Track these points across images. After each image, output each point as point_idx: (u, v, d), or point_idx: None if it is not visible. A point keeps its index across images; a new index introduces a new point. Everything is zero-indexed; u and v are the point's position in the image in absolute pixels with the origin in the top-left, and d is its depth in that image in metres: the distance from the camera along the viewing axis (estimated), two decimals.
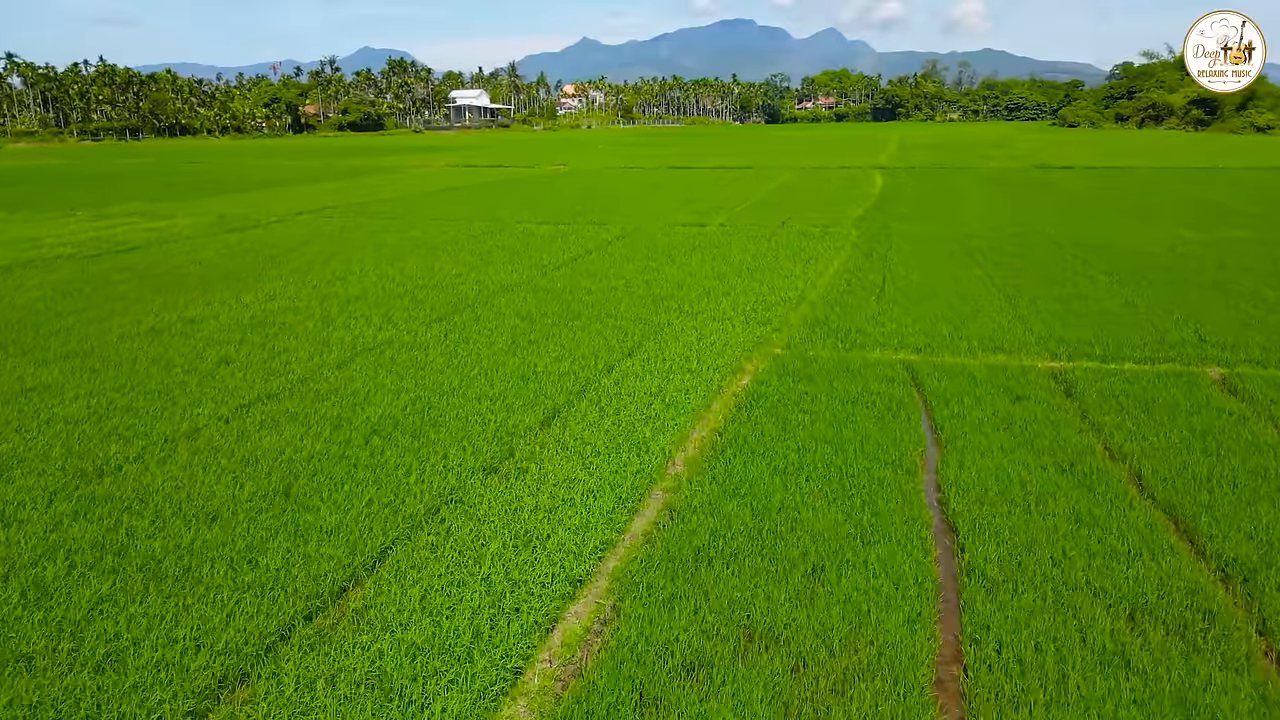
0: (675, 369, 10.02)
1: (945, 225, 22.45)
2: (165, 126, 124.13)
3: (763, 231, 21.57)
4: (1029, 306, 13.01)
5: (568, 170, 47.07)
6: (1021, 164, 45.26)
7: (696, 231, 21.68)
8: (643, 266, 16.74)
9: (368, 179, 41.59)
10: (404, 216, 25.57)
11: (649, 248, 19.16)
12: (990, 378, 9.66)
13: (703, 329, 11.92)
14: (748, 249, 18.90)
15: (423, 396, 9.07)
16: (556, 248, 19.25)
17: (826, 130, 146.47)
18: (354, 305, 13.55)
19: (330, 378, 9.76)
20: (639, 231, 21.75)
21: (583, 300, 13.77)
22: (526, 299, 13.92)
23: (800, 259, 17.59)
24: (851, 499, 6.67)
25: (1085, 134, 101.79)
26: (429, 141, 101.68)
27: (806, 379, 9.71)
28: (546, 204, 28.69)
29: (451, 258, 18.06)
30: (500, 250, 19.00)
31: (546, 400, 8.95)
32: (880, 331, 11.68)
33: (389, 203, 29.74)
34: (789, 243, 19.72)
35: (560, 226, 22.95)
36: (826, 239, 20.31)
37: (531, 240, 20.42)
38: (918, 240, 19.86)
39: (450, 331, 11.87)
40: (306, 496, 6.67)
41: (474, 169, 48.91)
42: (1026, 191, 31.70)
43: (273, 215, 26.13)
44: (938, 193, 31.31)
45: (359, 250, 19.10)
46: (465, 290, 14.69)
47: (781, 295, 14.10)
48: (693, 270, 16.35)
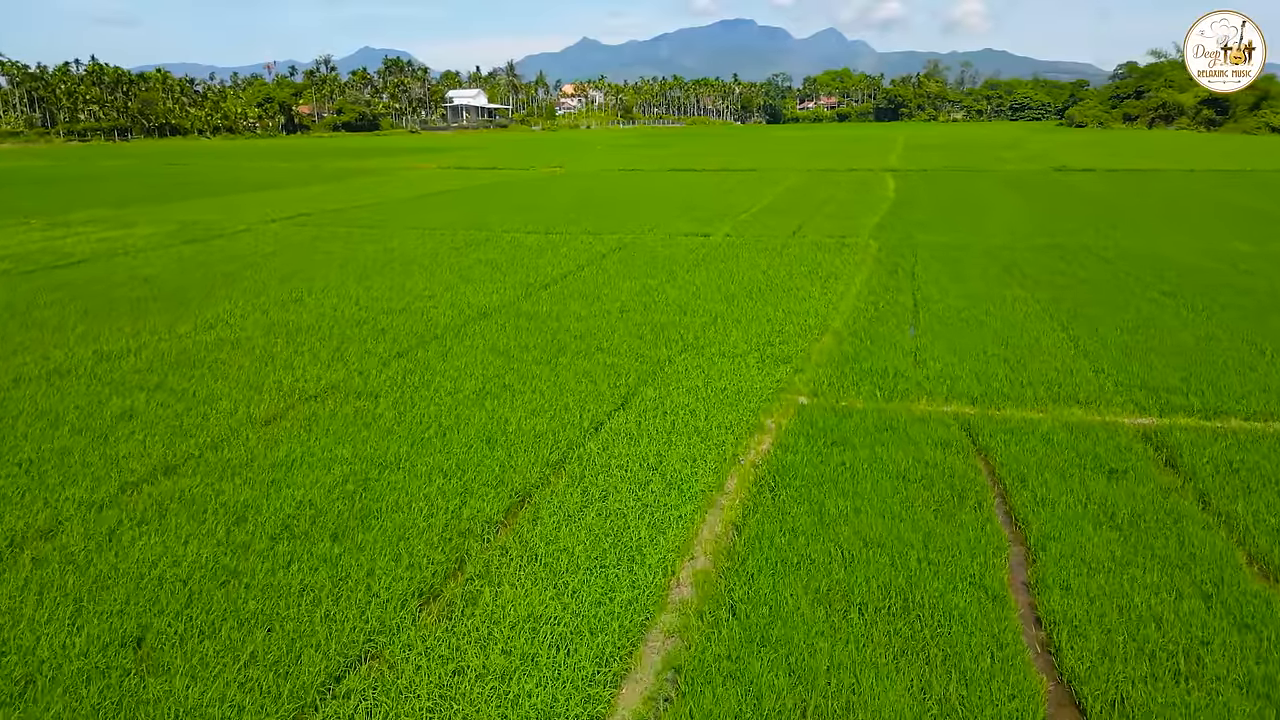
0: (679, 427, 8.13)
1: (971, 235, 20.56)
2: (155, 127, 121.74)
3: (773, 243, 19.69)
4: (1092, 339, 11.11)
5: (564, 173, 45.19)
6: (1038, 166, 43.34)
7: (700, 243, 19.79)
8: (641, 286, 14.85)
9: (353, 182, 39.69)
10: (383, 225, 23.68)
11: (648, 262, 17.28)
12: (1071, 441, 7.76)
13: (710, 368, 10.03)
14: (757, 264, 17.01)
15: (359, 470, 7.18)
16: (546, 262, 17.37)
17: (830, 130, 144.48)
18: (304, 336, 11.66)
19: (251, 440, 7.86)
20: (637, 243, 19.87)
21: (571, 329, 11.89)
22: (506, 328, 12.03)
23: (817, 276, 15.70)
24: (927, 654, 4.77)
25: (1095, 134, 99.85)
26: (424, 142, 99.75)
27: (842, 443, 7.81)
28: (539, 210, 26.81)
29: (427, 274, 16.17)
30: (483, 265, 17.11)
31: (515, 476, 7.06)
32: (923, 374, 9.78)
33: (370, 209, 27.85)
34: (803, 256, 17.83)
35: (551, 236, 21.07)
36: (844, 252, 18.42)
37: (519, 253, 18.54)
38: (945, 253, 17.97)
39: (410, 372, 9.98)
40: (163, 651, 4.77)
41: (466, 171, 47.00)
42: (1050, 196, 29.80)
43: (241, 223, 24.23)
44: (957, 198, 29.41)
45: (325, 266, 17.21)
46: (437, 316, 12.80)
47: (800, 322, 12.21)
48: (697, 290, 14.47)
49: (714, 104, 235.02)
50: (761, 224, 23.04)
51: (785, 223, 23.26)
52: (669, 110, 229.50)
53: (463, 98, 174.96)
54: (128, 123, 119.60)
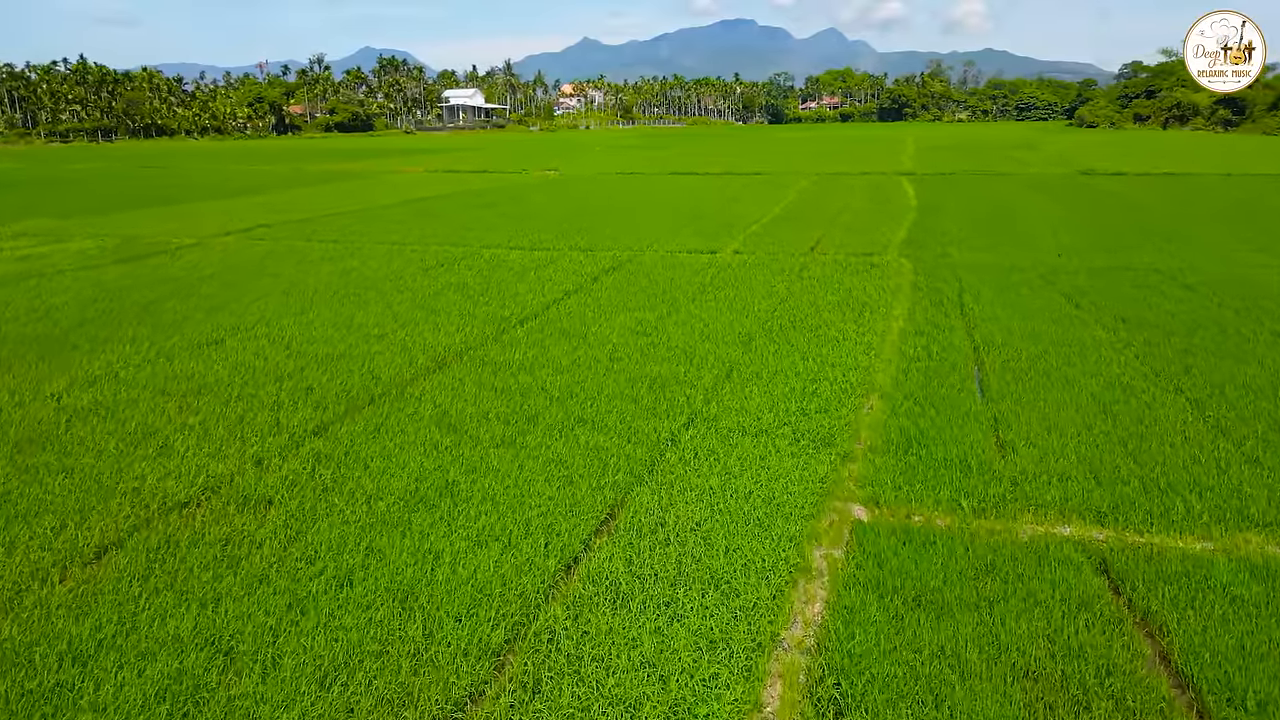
0: (687, 572, 5.59)
1: (1016, 252, 18.00)
2: (140, 127, 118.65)
3: (789, 262, 17.13)
4: (1223, 406, 8.54)
5: (559, 176, 42.61)
6: (1063, 169, 40.73)
7: (706, 262, 17.24)
8: (637, 321, 12.30)
9: (332, 187, 37.12)
10: (350, 238, 21.12)
11: (647, 287, 14.73)
12: (1270, 596, 5.21)
13: (728, 454, 7.48)
14: (774, 290, 14.46)
15: (179, 684, 4.61)
16: (527, 287, 14.82)
17: (834, 131, 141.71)
18: (205, 399, 9.10)
19: (34, 615, 5.26)
20: (635, 261, 17.33)
21: (547, 387, 9.34)
22: (465, 385, 9.48)
23: (849, 308, 13.13)
24: None
25: (1110, 135, 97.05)
26: (417, 143, 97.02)
27: (929, 603, 5.26)
28: (527, 220, 24.25)
29: (384, 304, 13.61)
30: (453, 292, 14.55)
31: (424, 699, 4.47)
32: (1016, 466, 7.22)
33: (342, 218, 25.28)
34: (827, 280, 15.27)
35: (538, 253, 18.52)
36: (874, 274, 15.85)
37: (498, 275, 15.98)
38: (993, 277, 15.40)
39: (324, 460, 7.43)
40: None
41: (456, 175, 44.40)
42: (1088, 204, 27.21)
43: (192, 236, 21.67)
44: (986, 207, 26.83)
45: (265, 293, 14.65)
46: (381, 366, 10.24)
47: (837, 377, 9.66)
48: (706, 327, 11.92)
49: (715, 104, 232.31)
50: (774, 237, 20.49)
51: (800, 236, 20.70)
52: (669, 110, 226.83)
53: (459, 98, 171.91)
54: (112, 123, 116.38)
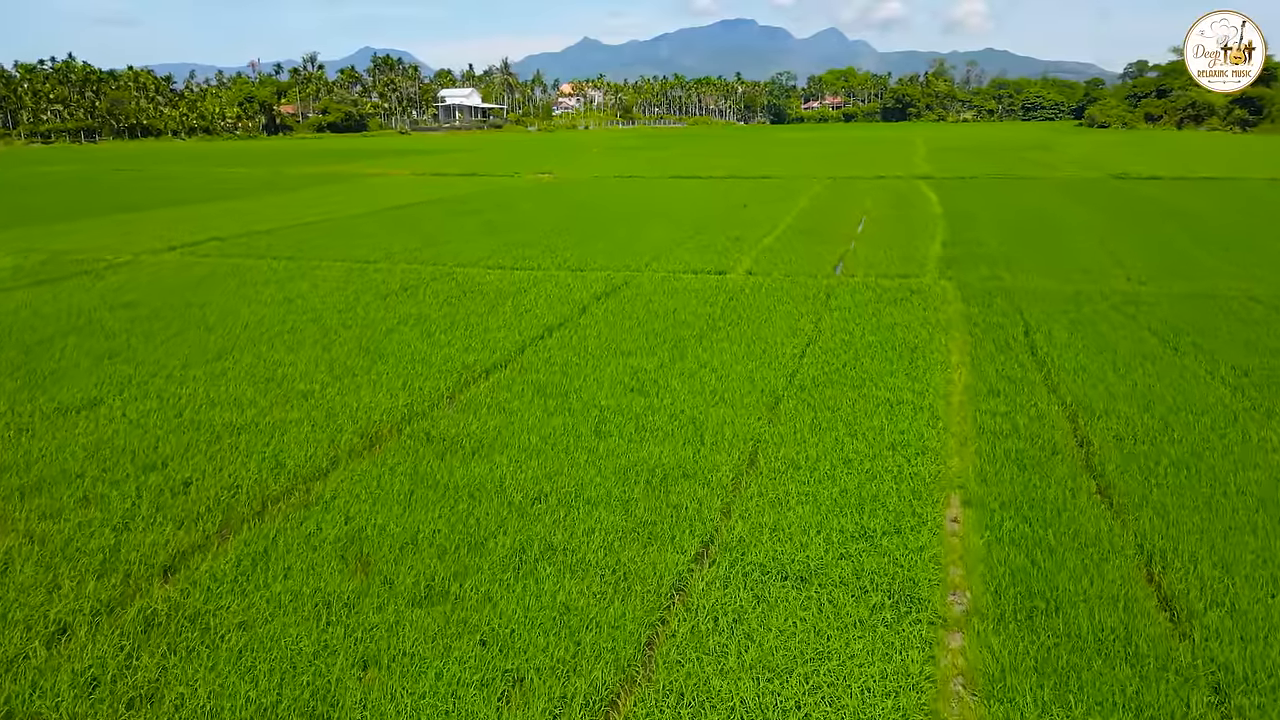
0: None
1: (1075, 274, 15.46)
2: (125, 128, 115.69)
3: (812, 285, 14.59)
4: None
5: (552, 180, 40.03)
6: (1093, 173, 38.11)
7: (715, 285, 14.70)
8: (632, 372, 9.76)
9: (307, 193, 34.52)
10: (309, 254, 18.58)
11: (645, 321, 12.19)
12: None
13: (765, 632, 4.93)
14: (799, 324, 11.92)
15: None
16: (502, 321, 12.28)
17: (839, 131, 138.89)
18: (23, 509, 6.54)
19: None
20: (631, 284, 14.79)
21: (508, 485, 6.81)
22: (395, 479, 6.96)
23: (895, 352, 10.58)
24: None
25: (1125, 135, 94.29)
26: (409, 144, 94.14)
27: None
28: (512, 232, 21.70)
29: (322, 347, 11.05)
30: (410, 327, 12.00)
31: None
32: (1207, 657, 4.66)
33: (306, 229, 22.72)
34: (861, 310, 12.72)
35: (520, 273, 15.99)
36: (916, 303, 13.29)
37: (468, 305, 13.44)
38: (1059, 308, 12.84)
39: (144, 644, 4.87)
40: None
41: (442, 178, 41.80)
42: (1132, 213, 24.65)
43: (130, 252, 19.12)
44: (1022, 216, 24.25)
45: (182, 330, 12.07)
46: (289, 447, 7.69)
47: (903, 468, 7.13)
48: (719, 381, 9.38)
49: (716, 104, 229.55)
50: (790, 253, 17.94)
51: (820, 252, 18.16)
52: (670, 110, 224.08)
53: (455, 97, 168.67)
54: (96, 124, 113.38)
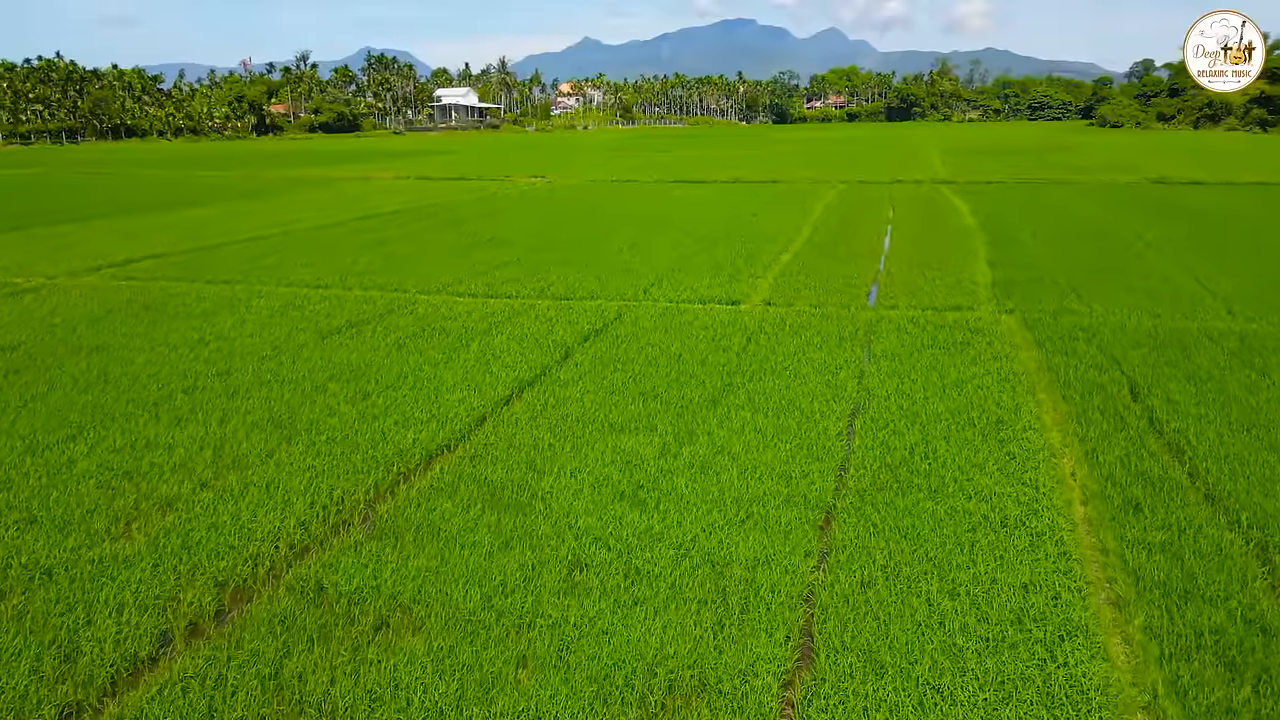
0: None
1: (1165, 307, 12.80)
2: (109, 128, 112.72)
3: (847, 322, 11.96)
4: None
5: (546, 185, 37.38)
6: (1128, 176, 35.38)
7: (728, 320, 12.07)
8: (624, 461, 7.14)
9: (277, 200, 31.86)
10: (253, 276, 15.96)
11: (642, 374, 9.56)
12: None
13: None
14: (841, 382, 9.28)
15: None
16: (460, 375, 9.65)
17: (844, 131, 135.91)
18: None
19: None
20: (626, 318, 12.17)
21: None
22: (227, 712, 4.30)
23: (970, 428, 7.93)
24: None
25: (1141, 136, 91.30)
26: (401, 145, 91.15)
27: None
28: (493, 249, 19.07)
29: (215, 420, 8.41)
30: (341, 385, 9.37)
31: None
32: None
33: (260, 244, 20.08)
34: (915, 362, 10.07)
35: (495, 303, 13.37)
36: (981, 349, 10.64)
37: (422, 350, 10.80)
38: (1165, 354, 10.18)
39: None
40: None
41: (428, 182, 39.14)
42: (1189, 223, 21.97)
43: (46, 273, 16.50)
44: (1069, 228, 21.54)
45: (43, 394, 9.41)
46: (96, 624, 5.05)
47: (1038, 662, 4.50)
48: (742, 481, 6.77)
49: (717, 103, 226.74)
50: (813, 275, 15.31)
51: (848, 274, 15.53)
52: (670, 110, 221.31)
53: (451, 97, 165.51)
54: (79, 124, 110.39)
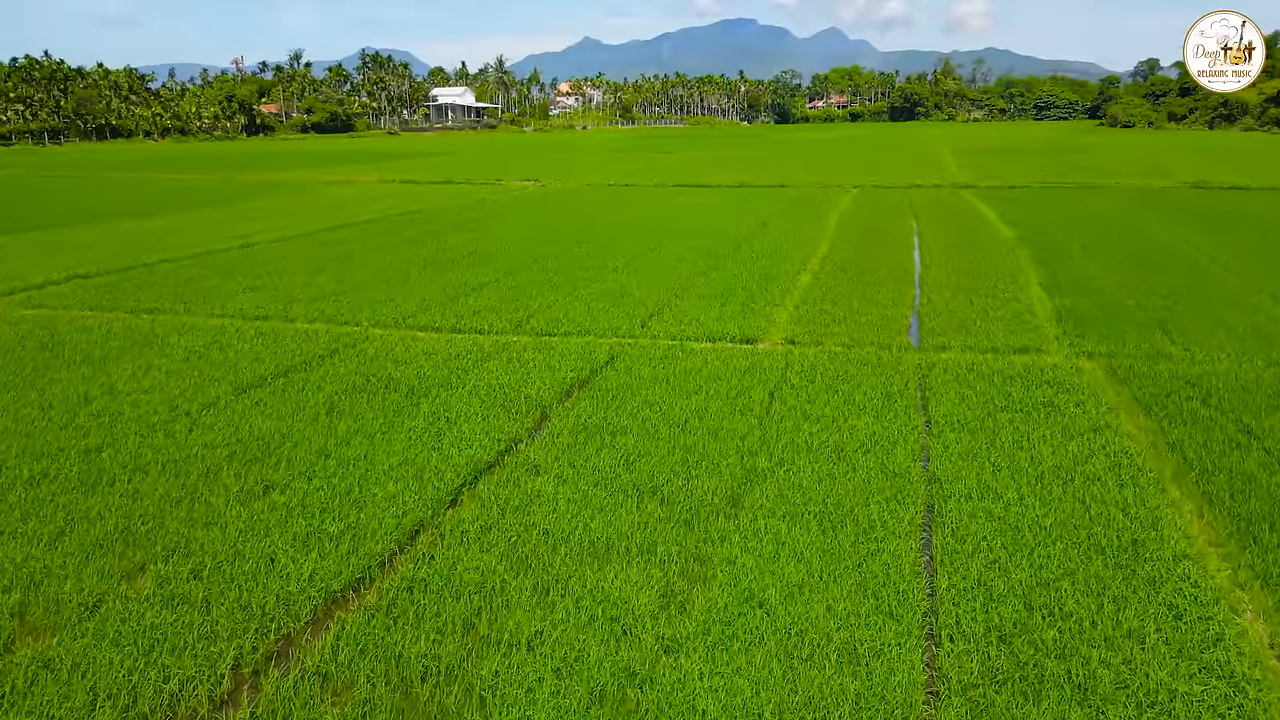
0: None
1: (1260, 344, 10.47)
2: (93, 128, 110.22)
3: (891, 369, 9.64)
4: None
5: (539, 190, 35.04)
6: (1163, 181, 33.01)
7: (744, 367, 9.75)
8: (609, 621, 4.81)
9: (243, 207, 29.50)
10: (182, 304, 13.64)
11: (635, 457, 7.24)
12: None
13: None
14: (898, 467, 6.98)
15: None
16: (398, 456, 7.35)
17: (849, 131, 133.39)
18: None
19: None
20: (619, 363, 9.85)
21: None
22: None
23: (1091, 550, 5.59)
24: None
25: (1158, 136, 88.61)
26: (392, 146, 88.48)
27: None
28: (468, 267, 16.75)
29: (44, 541, 6.07)
30: (232, 471, 7.06)
31: None
32: None
33: (203, 262, 17.76)
34: (993, 437, 7.73)
35: (460, 340, 11.05)
36: (1070, 412, 8.31)
37: (359, 408, 8.47)
38: None
39: None
40: None
41: (413, 186, 36.79)
42: (1256, 235, 19.62)
43: None
44: (1125, 243, 19.17)
45: None
46: None
47: None
48: (787, 669, 4.41)
49: (718, 103, 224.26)
50: (841, 304, 12.99)
51: (880, 301, 13.21)
52: (671, 109, 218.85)
53: (448, 96, 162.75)
54: (62, 124, 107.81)
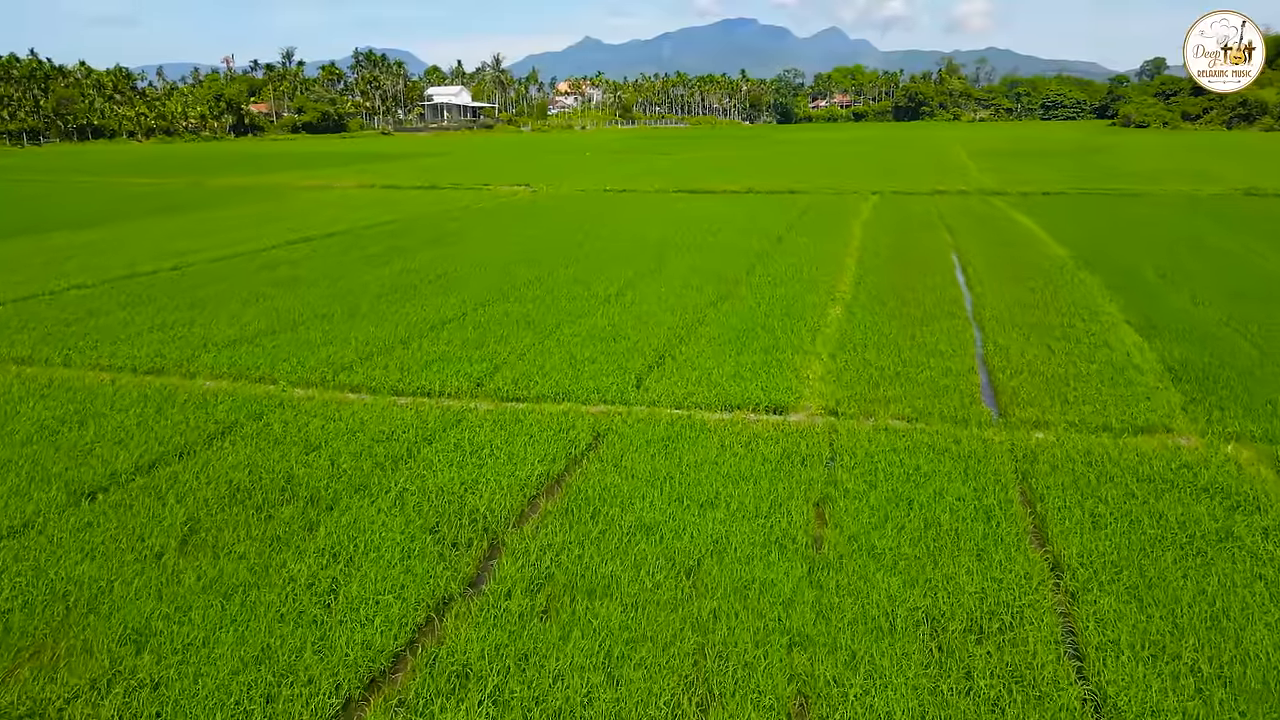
0: None
1: None
2: (75, 128, 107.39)
3: (978, 467, 7.01)
4: None
5: (530, 195, 32.37)
6: (1213, 187, 30.24)
7: (773, 456, 7.13)
8: None
9: (200, 215, 26.78)
10: (51, 353, 11.00)
11: (618, 646, 4.56)
12: None
13: None
14: (1041, 673, 4.31)
15: None
16: (253, 650, 4.67)
17: (854, 131, 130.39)
18: None
19: None
20: (603, 450, 7.23)
21: None
22: None
23: None
24: None
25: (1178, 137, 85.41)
26: (383, 147, 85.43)
27: None
28: (431, 296, 14.12)
29: None
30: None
31: None
32: None
33: (122, 289, 15.13)
34: (1152, 589, 5.06)
35: (401, 408, 8.42)
36: (1248, 541, 5.65)
37: (224, 538, 5.83)
38: None
39: None
40: None
41: (393, 192, 34.11)
42: None
43: None
44: (1206, 268, 16.48)
45: None
46: None
47: None
48: None
49: (720, 103, 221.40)
50: (887, 352, 10.36)
51: (935, 348, 10.58)
52: (671, 109, 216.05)
53: (443, 95, 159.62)
54: (42, 124, 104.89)
